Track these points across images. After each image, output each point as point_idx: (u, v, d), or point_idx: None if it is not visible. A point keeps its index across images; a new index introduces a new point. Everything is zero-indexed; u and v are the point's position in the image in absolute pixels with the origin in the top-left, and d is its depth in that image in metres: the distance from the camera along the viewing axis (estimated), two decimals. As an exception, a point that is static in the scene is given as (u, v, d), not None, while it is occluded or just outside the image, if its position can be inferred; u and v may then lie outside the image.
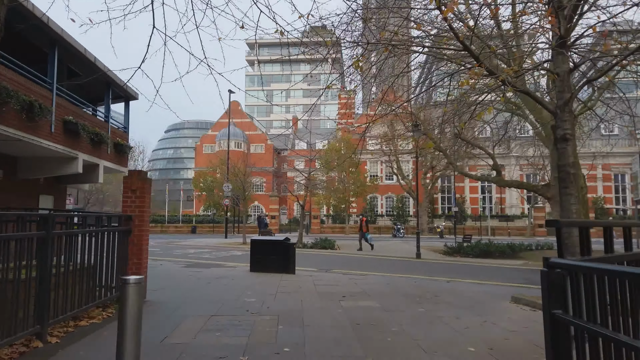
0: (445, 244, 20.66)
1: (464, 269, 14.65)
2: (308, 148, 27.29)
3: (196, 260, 15.80)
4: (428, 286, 9.71)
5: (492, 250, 18.10)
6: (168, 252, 19.46)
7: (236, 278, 10.35)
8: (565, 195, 7.49)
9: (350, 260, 17.01)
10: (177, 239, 31.59)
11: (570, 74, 7.94)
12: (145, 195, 7.21)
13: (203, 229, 48.53)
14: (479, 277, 12.29)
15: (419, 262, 16.48)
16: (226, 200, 30.63)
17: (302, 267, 13.58)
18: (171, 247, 22.76)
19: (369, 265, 15.21)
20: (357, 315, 6.21)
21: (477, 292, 8.94)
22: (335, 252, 20.46)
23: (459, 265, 15.55)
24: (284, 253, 11.67)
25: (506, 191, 53.75)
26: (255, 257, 11.99)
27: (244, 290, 8.39)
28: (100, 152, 12.23)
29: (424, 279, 11.61)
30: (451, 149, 18.33)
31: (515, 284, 11.19)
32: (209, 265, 13.80)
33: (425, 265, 15.62)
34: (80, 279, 5.67)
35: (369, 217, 49.88)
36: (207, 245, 24.29)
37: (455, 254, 18.98)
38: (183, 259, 16.50)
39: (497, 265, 15.65)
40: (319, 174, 39.51)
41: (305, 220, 49.18)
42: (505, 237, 37.51)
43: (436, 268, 14.72)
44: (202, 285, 9.06)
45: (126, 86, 13.76)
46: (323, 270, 13.41)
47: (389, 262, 16.58)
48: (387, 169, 48.72)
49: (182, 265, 13.78)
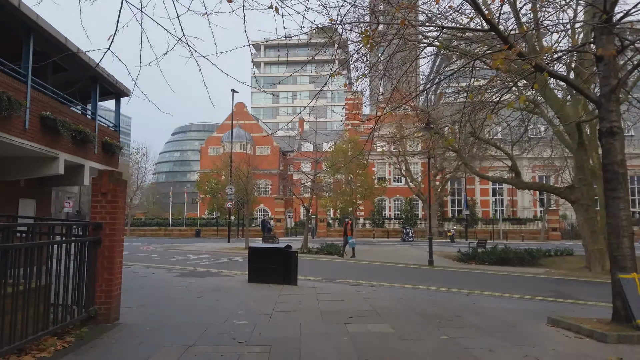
0: (458, 250, 19.46)
1: (482, 278, 13.46)
2: (314, 149, 26.18)
3: (193, 268, 14.76)
4: (446, 301, 8.57)
5: (510, 256, 16.86)
6: (165, 258, 18.47)
7: (231, 291, 9.28)
8: (613, 199, 6.33)
9: (358, 268, 15.89)
10: (179, 243, 30.65)
11: (617, 58, 6.80)
12: (118, 200, 6.16)
13: (207, 232, 47.64)
14: (501, 288, 11.11)
15: (432, 271, 15.32)
16: (229, 203, 29.59)
17: (306, 275, 12.50)
18: (170, 253, 21.79)
19: (378, 274, 14.07)
20: (367, 345, 5.10)
21: (505, 310, 7.78)
22: (342, 259, 19.33)
23: (476, 274, 14.36)
24: (285, 262, 10.59)
25: (518, 194, 52.29)
26: (253, 266, 10.93)
27: (235, 308, 7.31)
28: (85, 151, 11.24)
29: (440, 291, 10.47)
30: (465, 148, 17.15)
31: (543, 296, 10.01)
32: (205, 274, 12.76)
33: (439, 274, 14.45)
34: (30, 301, 4.64)
35: (377, 220, 48.74)
36: (208, 251, 23.28)
37: (470, 260, 17.77)
38: (179, 266, 15.48)
39: (518, 274, 14.43)
40: (325, 176, 38.43)
41: (311, 223, 48.19)
42: (518, 242, 36.16)
43: (451, 278, 13.55)
44: (189, 301, 8.00)
45: (116, 82, 12.81)
46: (328, 279, 12.31)
47: (400, 271, 15.43)
48: (395, 170, 47.56)
49: (176, 274, 12.74)
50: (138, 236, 46.43)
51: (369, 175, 44.58)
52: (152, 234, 48.06)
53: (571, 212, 52.80)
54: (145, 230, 48.84)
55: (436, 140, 20.44)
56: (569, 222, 48.64)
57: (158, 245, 28.49)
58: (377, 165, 51.83)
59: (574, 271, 15.24)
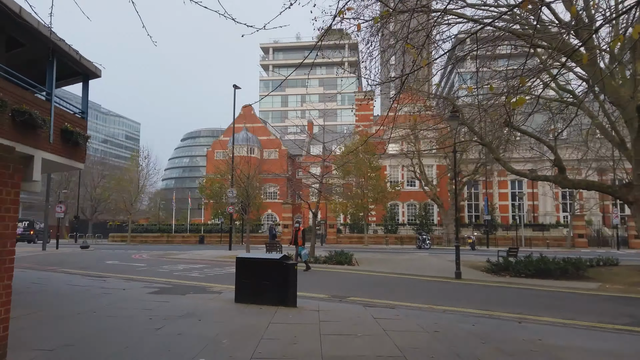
0: (487, 259, 16.96)
1: (526, 296, 10.98)
2: (322, 149, 23.90)
3: (177, 282, 12.52)
4: (498, 334, 6.18)
5: (551, 268, 14.32)
6: (153, 269, 16.27)
7: (206, 317, 6.99)
8: None
9: (372, 282, 13.50)
10: (177, 251, 28.44)
11: None
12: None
13: (212, 238, 45.48)
14: (557, 311, 8.65)
15: (462, 286, 12.86)
16: (230, 208, 27.36)
17: (309, 292, 10.21)
18: (161, 262, 19.58)
19: (397, 290, 11.67)
20: None
21: (590, 352, 5.37)
22: (353, 269, 16.95)
23: (517, 291, 11.87)
24: (281, 277, 8.27)
25: (539, 198, 49.38)
26: (242, 282, 8.65)
27: (199, 349, 5.02)
28: (36, 139, 9.08)
29: (481, 315, 8.05)
30: (497, 140, 14.72)
31: (619, 323, 7.55)
32: (188, 290, 10.50)
33: (472, 289, 12.00)
34: None
35: (390, 226, 46.03)
36: (204, 259, 21.03)
37: (503, 272, 15.27)
38: (163, 278, 13.24)
39: (567, 290, 11.91)
40: (335, 179, 36.11)
41: (320, 229, 45.75)
42: (543, 249, 33.35)
43: (489, 295, 11.09)
44: (141, 336, 5.71)
45: (80, 58, 10.67)
46: (336, 298, 9.96)
47: (423, 285, 12.99)
48: (409, 173, 45.01)
49: (152, 290, 10.49)
50: (140, 242, 44.48)
51: (381, 178, 42.14)
52: (154, 240, 46.03)
53: (597, 217, 49.75)
54: (147, 236, 46.85)
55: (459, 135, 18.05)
56: (595, 228, 45.61)
57: (153, 253, 26.33)
58: (389, 168, 49.32)
59: (632, 286, 12.68)
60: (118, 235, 48.66)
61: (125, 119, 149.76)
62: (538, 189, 48.71)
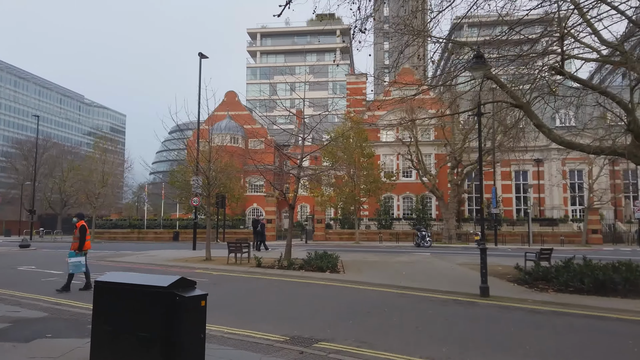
0: (516, 265, 12.79)
1: (605, 336, 6.77)
2: (302, 124, 19.51)
3: (49, 306, 8.19)
4: None
5: (616, 279, 10.10)
6: (44, 279, 11.84)
7: None
8: None
9: (361, 304, 9.23)
10: (136, 250, 23.86)
11: None
12: None
13: (187, 235, 40.81)
14: None
15: (498, 311, 8.57)
16: (195, 199, 22.92)
17: (255, 325, 5.99)
18: (94, 268, 15.07)
19: (401, 323, 7.39)
20: None
21: None
22: (336, 279, 12.64)
23: (587, 322, 7.65)
24: (168, 326, 3.98)
25: (545, 190, 45.35)
26: (103, 330, 4.37)
27: None
28: None
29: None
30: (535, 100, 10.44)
31: None
32: (25, 335, 6.18)
33: (517, 320, 7.76)
34: None
35: (383, 221, 41.83)
36: (151, 263, 16.60)
37: (539, 282, 11.12)
38: (42, 297, 8.89)
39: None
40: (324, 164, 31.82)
41: (308, 225, 41.47)
42: (557, 246, 29.25)
43: (549, 336, 6.84)
44: None
45: None
46: (296, 344, 5.65)
47: (439, 312, 8.68)
48: (405, 163, 40.62)
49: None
50: (108, 240, 39.86)
51: (374, 166, 37.88)
52: (124, 237, 41.41)
53: (608, 211, 45.83)
54: (116, 233, 42.23)
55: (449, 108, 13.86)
56: (607, 222, 41.75)
57: (99, 254, 21.57)
58: (383, 157, 44.99)
59: None
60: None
61: (110, 110, 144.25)
62: (545, 180, 44.79)
